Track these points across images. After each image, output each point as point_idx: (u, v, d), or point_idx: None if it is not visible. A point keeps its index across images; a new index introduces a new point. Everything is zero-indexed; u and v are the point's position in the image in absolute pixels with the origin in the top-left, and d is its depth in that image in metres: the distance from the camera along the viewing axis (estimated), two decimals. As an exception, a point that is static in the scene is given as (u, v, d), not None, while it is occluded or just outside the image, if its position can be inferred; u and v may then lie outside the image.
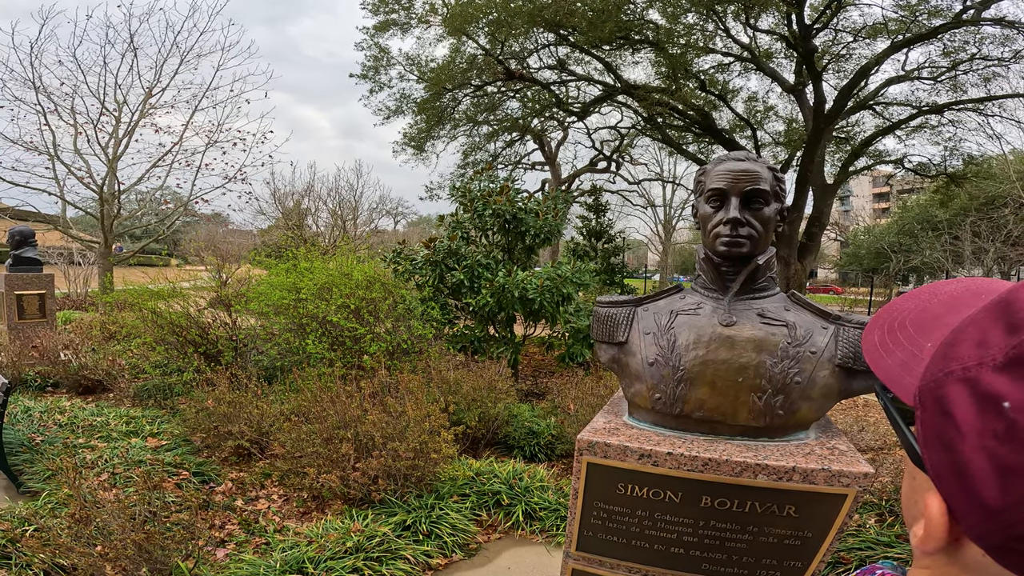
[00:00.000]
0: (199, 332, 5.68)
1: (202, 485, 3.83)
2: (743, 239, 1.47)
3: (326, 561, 2.73)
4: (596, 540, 1.48)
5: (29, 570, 2.67)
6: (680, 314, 1.56)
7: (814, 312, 1.51)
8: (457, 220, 6.90)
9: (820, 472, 1.26)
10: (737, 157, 1.53)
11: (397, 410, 3.52)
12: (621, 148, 20.98)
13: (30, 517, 3.05)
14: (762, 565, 1.34)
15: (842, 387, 1.41)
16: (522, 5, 11.92)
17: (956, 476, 0.38)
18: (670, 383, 1.45)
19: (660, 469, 1.36)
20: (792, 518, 1.29)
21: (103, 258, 11.61)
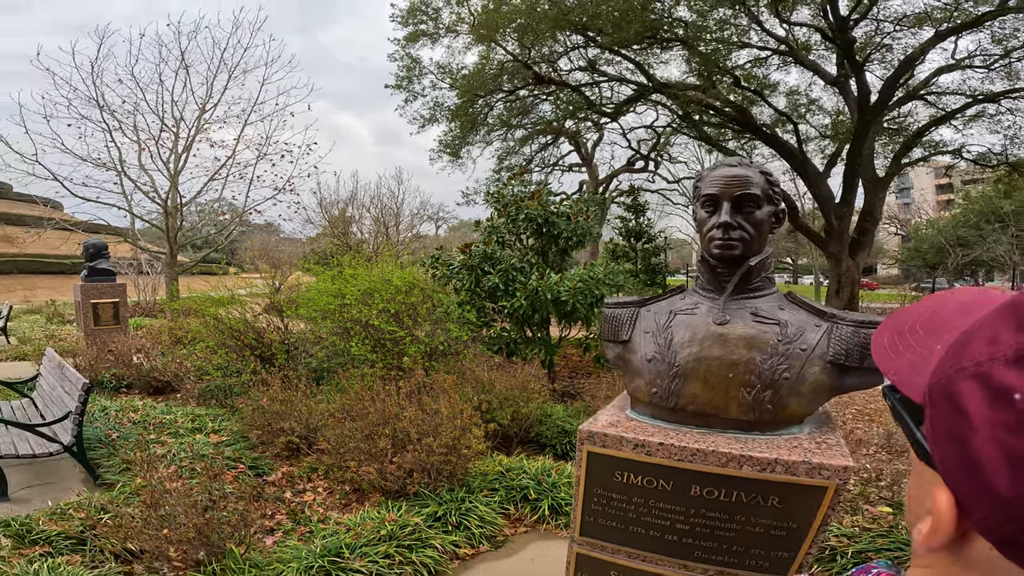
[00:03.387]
0: (255, 336, 6.09)
1: (256, 477, 4.14)
2: (735, 242, 1.55)
3: (361, 547, 2.93)
4: (597, 526, 1.59)
5: (101, 554, 2.99)
6: (678, 313, 1.65)
7: (809, 311, 1.57)
8: (492, 225, 7.08)
9: (801, 464, 1.32)
10: (729, 163, 1.61)
11: (432, 408, 3.71)
12: (658, 147, 20.67)
13: (106, 505, 3.38)
14: (751, 555, 1.42)
15: (834, 383, 1.47)
16: (547, 10, 11.98)
17: (967, 469, 0.39)
18: (666, 378, 1.54)
19: (653, 458, 1.46)
20: (776, 509, 1.36)
21: (169, 268, 12.48)
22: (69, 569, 2.74)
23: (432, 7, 14.54)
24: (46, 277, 25.58)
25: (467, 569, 3.11)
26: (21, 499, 3.81)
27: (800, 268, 44.46)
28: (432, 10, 14.59)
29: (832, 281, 14.53)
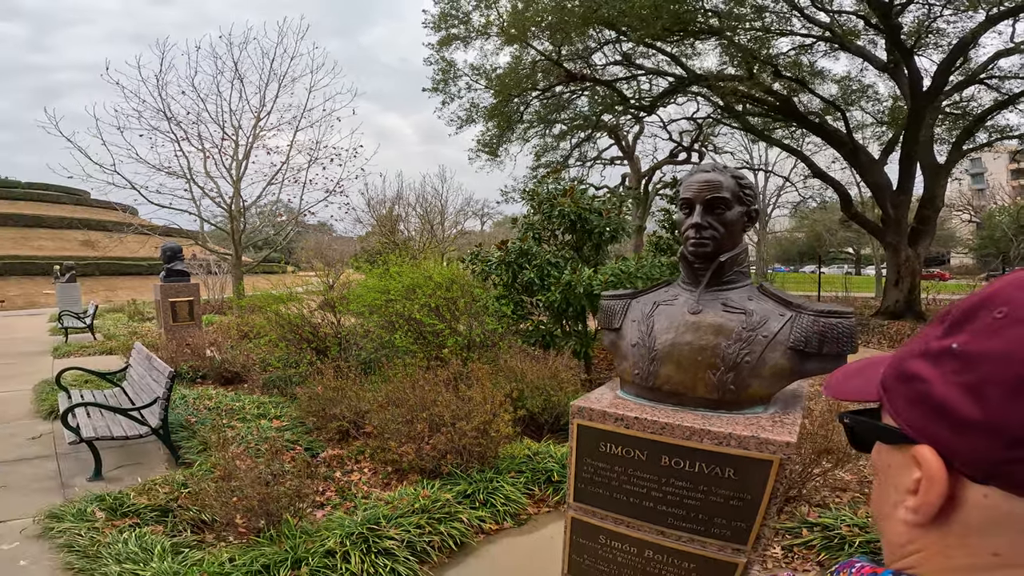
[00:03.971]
0: (311, 330, 6.62)
1: (311, 458, 4.59)
2: (707, 240, 1.74)
3: (397, 518, 3.26)
4: (587, 492, 1.83)
5: (179, 525, 3.44)
6: (660, 304, 1.87)
7: (777, 301, 1.74)
8: (528, 222, 7.32)
9: (751, 439, 1.51)
10: (704, 169, 1.81)
11: (466, 395, 4.02)
12: (701, 138, 20.22)
13: (186, 481, 3.87)
14: (715, 523, 1.61)
15: (795, 368, 1.65)
16: (576, 7, 12.00)
17: (936, 415, 0.42)
18: (646, 361, 1.76)
19: (630, 431, 1.68)
20: (733, 480, 1.56)
21: (235, 268, 13.45)
22: (152, 537, 3.19)
23: (462, 11, 14.88)
24: (125, 278, 27.78)
25: (490, 543, 3.40)
26: (113, 478, 4.35)
27: (863, 258, 42.29)
28: (462, 14, 14.92)
29: (891, 272, 13.90)
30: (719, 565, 1.62)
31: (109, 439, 4.35)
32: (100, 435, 4.29)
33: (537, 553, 3.29)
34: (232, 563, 2.87)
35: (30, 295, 24.03)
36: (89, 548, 3.14)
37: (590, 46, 14.38)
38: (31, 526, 3.54)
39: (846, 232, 29.63)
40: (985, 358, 0.39)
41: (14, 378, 8.21)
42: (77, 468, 4.55)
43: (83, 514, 3.47)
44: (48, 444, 5.19)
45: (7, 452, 4.98)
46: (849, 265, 44.52)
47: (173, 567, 2.85)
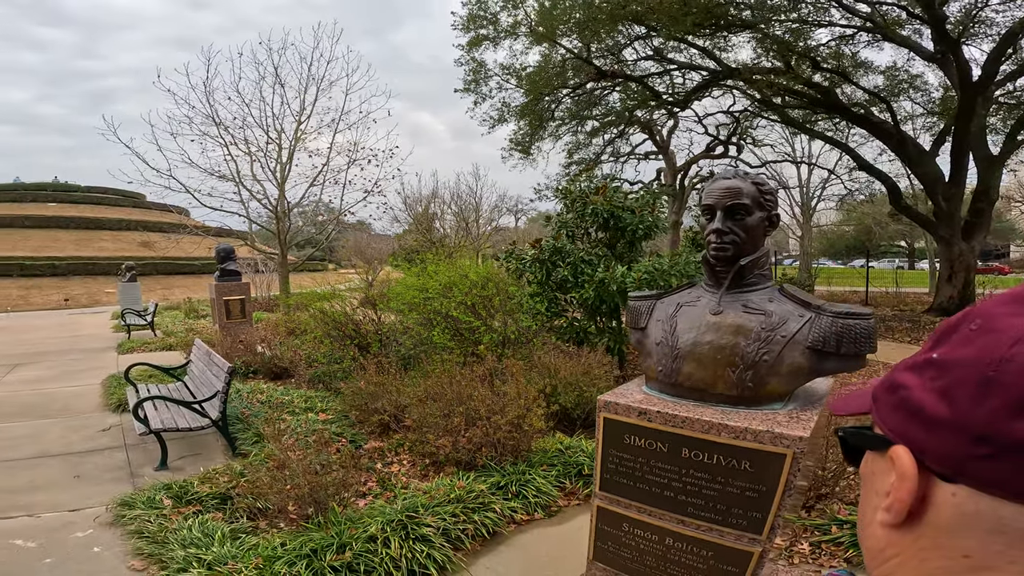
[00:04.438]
0: (353, 327, 6.91)
1: (355, 450, 4.83)
2: (727, 244, 1.83)
3: (434, 507, 3.43)
4: (613, 482, 1.95)
5: (237, 512, 3.68)
6: (683, 305, 1.96)
7: (796, 303, 1.81)
8: (562, 220, 7.42)
9: (766, 433, 1.60)
10: (726, 175, 1.89)
11: (501, 390, 4.17)
12: (739, 132, 19.73)
13: (243, 470, 4.12)
14: (732, 513, 1.70)
15: (812, 366, 1.72)
16: (603, 4, 11.90)
17: (912, 416, 0.44)
18: (669, 359, 1.87)
19: (652, 424, 1.79)
20: (748, 472, 1.64)
21: (281, 266, 14.04)
22: (213, 524, 3.40)
23: (490, 12, 14.99)
24: (180, 277, 29.29)
25: (521, 532, 3.54)
26: (177, 467, 4.64)
27: (917, 252, 40.36)
28: (490, 15, 15.03)
29: (943, 266, 13.34)
30: (735, 554, 1.71)
31: (175, 430, 4.67)
32: (167, 427, 4.61)
33: (566, 543, 3.41)
34: (283, 548, 3.07)
35: (93, 293, 25.65)
36: (158, 534, 3.36)
37: (620, 42, 14.25)
38: (104, 514, 3.78)
39: (897, 225, 28.37)
40: (957, 364, 0.42)
41: (83, 373, 8.79)
42: (144, 459, 4.86)
43: (152, 502, 3.73)
44: (117, 436, 5.54)
45: (80, 443, 5.30)
46: (901, 259, 42.58)
47: (231, 551, 3.06)
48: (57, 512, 3.86)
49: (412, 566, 3.00)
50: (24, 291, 24.82)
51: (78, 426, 5.86)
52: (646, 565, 1.96)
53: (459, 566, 3.14)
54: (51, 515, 3.81)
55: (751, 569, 1.68)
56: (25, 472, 4.61)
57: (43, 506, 3.95)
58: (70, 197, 37.89)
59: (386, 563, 2.97)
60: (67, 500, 4.06)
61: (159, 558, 3.17)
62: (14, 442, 5.36)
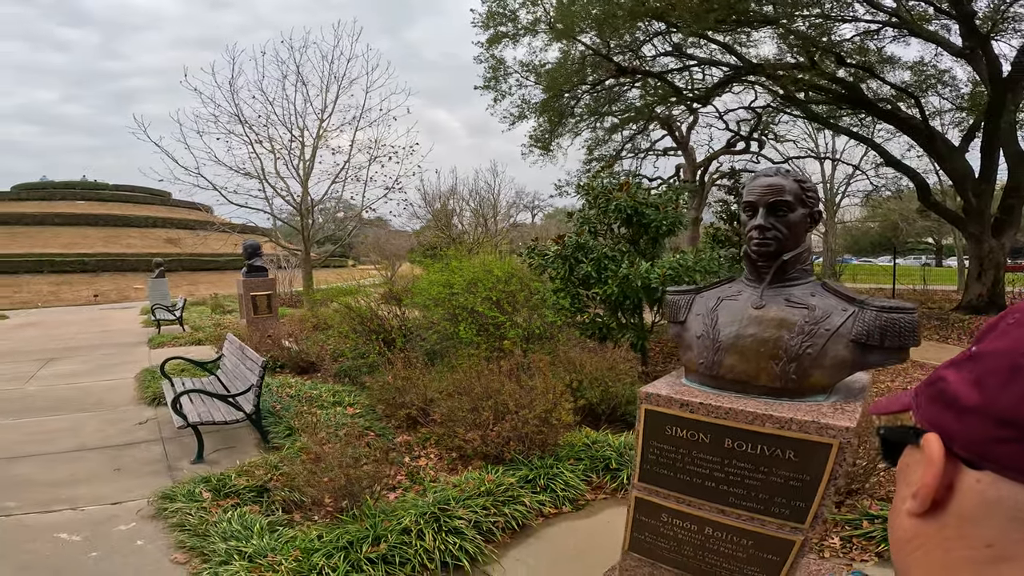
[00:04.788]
0: (378, 322, 7.02)
1: (387, 443, 4.92)
2: (769, 240, 1.85)
3: (464, 500, 3.49)
4: (652, 473, 1.98)
5: (273, 504, 3.74)
6: (724, 299, 1.99)
7: (839, 297, 1.83)
8: (584, 216, 7.43)
9: (812, 424, 1.62)
10: (767, 173, 1.91)
11: (528, 385, 4.22)
12: (760, 127, 19.46)
13: (279, 463, 4.17)
14: (774, 502, 1.73)
15: (856, 359, 1.73)
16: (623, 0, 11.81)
17: (945, 405, 0.45)
18: (710, 352, 1.90)
19: (695, 415, 1.82)
20: (793, 462, 1.67)
21: (305, 263, 14.26)
22: (251, 516, 3.46)
23: (509, 9, 15.00)
24: (205, 273, 29.88)
25: (549, 525, 3.58)
26: (213, 460, 4.71)
27: (945, 249, 39.48)
28: (510, 12, 15.04)
29: (973, 264, 13.06)
30: (777, 542, 1.74)
31: (211, 424, 4.76)
32: (204, 420, 4.71)
33: (595, 536, 3.45)
34: (320, 540, 3.12)
35: (122, 289, 26.31)
36: (198, 527, 3.40)
37: (638, 38, 14.16)
38: (145, 507, 3.84)
39: (925, 221, 27.75)
40: (991, 354, 0.43)
41: (117, 367, 9.01)
42: (181, 452, 4.93)
43: (192, 495, 3.79)
44: (154, 429, 5.63)
45: (118, 437, 5.39)
46: (928, 256, 41.68)
47: (270, 544, 3.10)
48: (99, 505, 3.93)
49: (445, 558, 3.04)
50: (55, 287, 25.57)
51: (115, 419, 5.98)
52: (683, 555, 2.00)
53: (490, 558, 3.18)
54: (94, 508, 3.89)
55: (792, 558, 1.70)
56: (66, 465, 4.69)
57: (85, 499, 4.02)
58: (98, 195, 38.85)
59: (420, 555, 3.02)
60: (108, 493, 4.14)
61: (200, 551, 3.21)
62: (53, 435, 5.48)
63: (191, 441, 4.99)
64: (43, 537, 3.47)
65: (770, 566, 1.76)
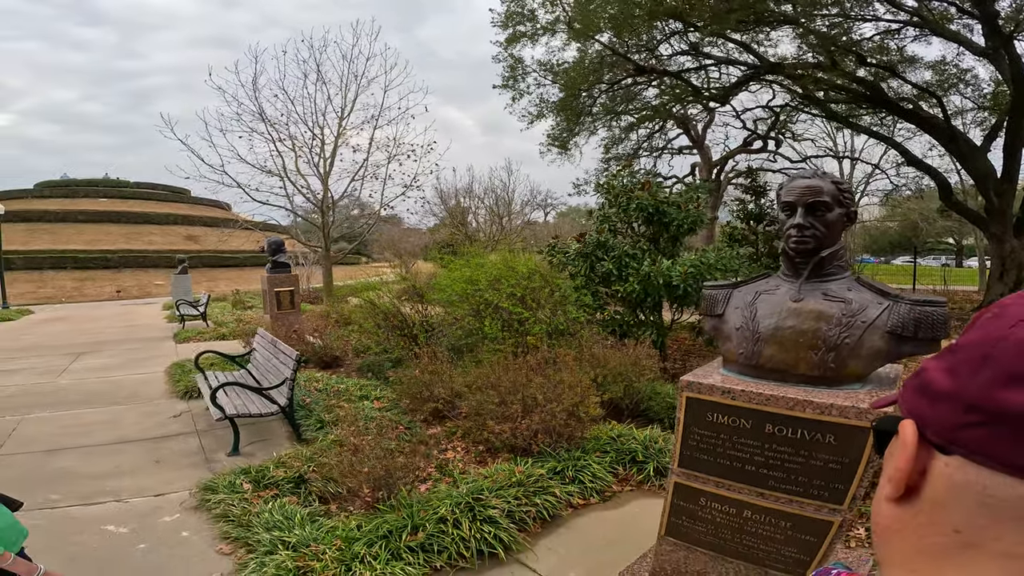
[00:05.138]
0: (401, 318, 7.16)
1: (410, 438, 5.02)
2: (808, 238, 1.94)
3: (497, 490, 3.57)
4: (692, 458, 2.08)
5: (309, 496, 3.83)
6: (762, 293, 2.08)
7: (875, 291, 1.92)
8: (604, 214, 7.51)
9: (851, 409, 1.71)
10: (805, 175, 2.00)
11: (555, 379, 4.32)
12: (777, 126, 19.36)
13: (314, 456, 4.24)
14: (813, 485, 1.82)
15: (891, 350, 1.82)
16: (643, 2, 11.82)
17: (920, 393, 0.47)
18: (750, 342, 1.99)
19: (736, 402, 1.92)
20: (832, 445, 1.76)
21: (325, 259, 14.48)
22: (290, 507, 3.52)
23: (528, 8, 15.09)
24: (224, 270, 30.36)
25: (578, 515, 3.67)
26: (248, 453, 4.80)
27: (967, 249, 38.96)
28: (528, 11, 15.13)
29: (995, 264, 12.95)
30: (815, 523, 1.83)
31: (247, 416, 4.88)
32: (240, 413, 4.82)
33: (623, 526, 3.55)
34: (360, 529, 3.21)
35: (143, 285, 26.85)
36: (242, 518, 3.46)
37: (655, 37, 14.17)
38: (188, 498, 3.93)
39: (946, 221, 27.40)
40: (966, 345, 0.45)
41: (146, 361, 9.26)
42: (216, 444, 5.03)
43: (233, 486, 3.87)
44: (188, 422, 5.74)
45: (155, 430, 5.53)
46: (948, 256, 41.14)
47: (312, 533, 3.16)
48: (143, 497, 4.01)
49: (480, 546, 3.12)
50: (78, 283, 26.16)
51: (150, 412, 6.13)
52: (720, 537, 2.09)
53: (524, 546, 3.27)
54: (138, 500, 3.96)
55: (830, 538, 1.79)
56: (106, 458, 4.80)
57: (129, 491, 4.10)
58: (120, 192, 39.64)
59: (456, 543, 3.10)
60: (151, 485, 4.22)
61: (245, 541, 3.26)
62: (90, 428, 5.62)
63: (224, 434, 5.11)
64: (90, 529, 3.54)
65: (808, 547, 1.85)
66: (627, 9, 12.07)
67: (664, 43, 14.68)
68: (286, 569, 2.86)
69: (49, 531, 3.49)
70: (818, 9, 11.54)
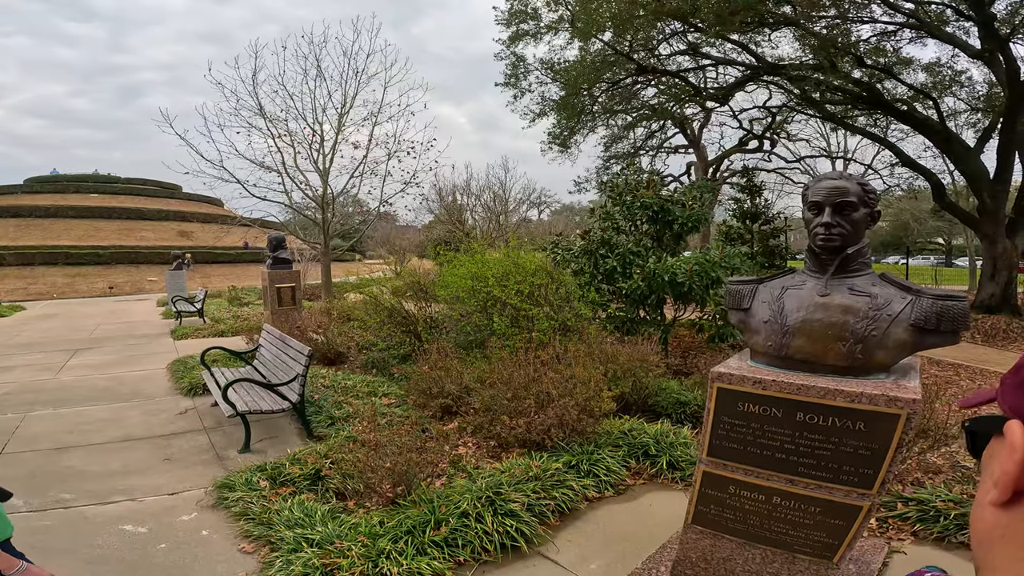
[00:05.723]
0: (404, 315, 7.18)
1: (422, 433, 5.04)
2: (835, 236, 2.02)
3: (515, 485, 3.60)
4: (721, 447, 2.14)
5: (327, 492, 3.81)
6: (789, 288, 2.16)
7: (897, 287, 2.00)
8: (607, 212, 7.58)
9: (880, 396, 1.78)
10: (831, 176, 2.09)
11: (567, 374, 4.38)
12: (773, 126, 19.57)
13: (329, 452, 4.23)
14: (843, 471, 1.89)
15: (915, 342, 1.91)
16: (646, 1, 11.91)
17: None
18: (778, 335, 2.06)
19: (768, 391, 1.99)
20: (862, 432, 1.83)
21: (324, 256, 14.44)
22: (309, 504, 3.49)
23: (531, 7, 15.15)
24: (218, 266, 30.13)
25: (594, 509, 3.71)
26: (259, 450, 4.76)
27: (956, 249, 39.57)
28: (531, 9, 15.19)
29: (986, 264, 13.17)
30: (844, 508, 1.90)
31: (259, 413, 4.83)
32: (251, 409, 4.77)
33: (639, 519, 3.60)
34: (382, 525, 3.21)
35: (136, 281, 26.60)
36: (262, 516, 3.42)
37: (655, 36, 14.27)
38: (204, 497, 3.88)
39: (937, 222, 27.80)
40: None
41: (145, 358, 9.19)
42: (226, 442, 4.98)
43: (250, 483, 3.83)
44: (194, 419, 5.66)
45: (162, 427, 5.46)
46: (938, 256, 41.72)
47: (336, 530, 3.13)
48: (157, 496, 3.96)
49: (503, 540, 3.15)
50: (69, 279, 25.87)
51: (154, 409, 6.07)
52: (749, 524, 2.16)
53: (544, 539, 3.30)
54: (152, 499, 3.91)
55: (859, 522, 1.87)
56: (115, 456, 4.74)
57: (142, 490, 4.05)
58: (111, 188, 39.22)
59: (480, 536, 3.13)
60: (164, 483, 4.17)
61: (267, 539, 3.23)
62: (97, 425, 5.55)
63: (233, 431, 5.08)
64: (108, 530, 3.49)
65: (837, 531, 1.92)
66: (630, 9, 12.14)
67: (664, 43, 14.78)
68: (313, 567, 2.84)
69: (66, 531, 3.46)
70: (817, 11, 11.68)
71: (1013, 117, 11.12)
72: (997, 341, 9.91)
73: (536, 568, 3.10)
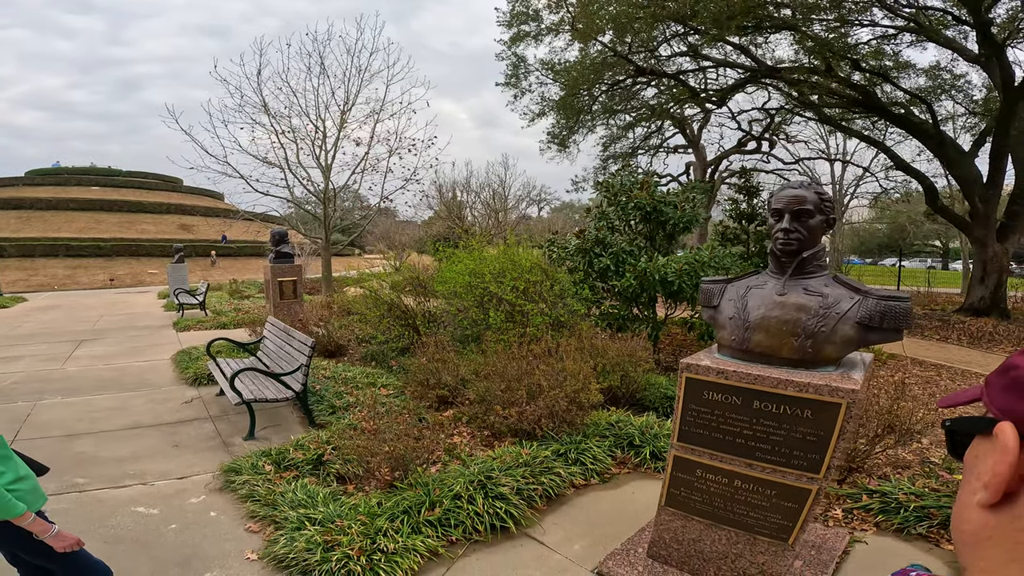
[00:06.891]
0: (403, 310, 7.39)
1: (419, 422, 5.25)
2: (792, 241, 2.23)
3: (506, 470, 3.81)
4: (690, 433, 2.36)
5: (327, 477, 4.00)
6: (752, 288, 2.37)
7: (848, 288, 2.21)
8: (602, 212, 7.77)
9: (824, 387, 2.00)
10: (792, 185, 2.29)
11: (558, 367, 4.59)
12: (772, 128, 19.75)
13: (331, 439, 4.41)
14: (794, 456, 2.11)
15: (860, 338, 2.12)
16: (645, 5, 12.09)
17: (1015, 391, 0.45)
18: (741, 330, 2.27)
19: (729, 381, 2.20)
20: (810, 420, 2.04)
21: (325, 251, 14.63)
22: (311, 487, 3.69)
23: (532, 9, 15.34)
24: (218, 259, 30.30)
25: (580, 495, 3.93)
26: (263, 437, 4.97)
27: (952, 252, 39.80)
28: (532, 11, 15.37)
29: (977, 267, 13.39)
30: (795, 491, 2.11)
31: (264, 401, 5.05)
32: (257, 398, 4.98)
33: (622, 504, 3.82)
34: (380, 506, 3.42)
35: (136, 274, 26.78)
36: (267, 497, 3.61)
37: (655, 38, 14.45)
38: (212, 480, 4.07)
39: (933, 224, 28.00)
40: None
41: (149, 349, 9.39)
42: (231, 429, 5.18)
43: (256, 468, 4.02)
44: (200, 408, 5.87)
45: (169, 415, 5.66)
46: (934, 259, 41.98)
47: (336, 510, 3.33)
48: (167, 480, 4.17)
49: (493, 521, 3.37)
50: (70, 271, 26.06)
51: (161, 399, 6.27)
52: (714, 506, 2.37)
53: (532, 521, 3.53)
54: (163, 483, 4.12)
55: (808, 504, 2.08)
56: (125, 442, 4.94)
57: (153, 474, 4.25)
58: (112, 181, 39.34)
59: (471, 517, 3.35)
60: (173, 468, 4.38)
61: (272, 519, 3.42)
62: (106, 414, 5.75)
63: (238, 419, 5.28)
64: (121, 511, 3.69)
65: (789, 513, 2.13)
66: (630, 12, 12.31)
67: (664, 44, 14.95)
68: (315, 543, 3.04)
69: (82, 513, 3.65)
70: (817, 14, 11.85)
71: (1007, 121, 11.30)
72: (983, 343, 10.10)
73: (523, 547, 3.31)
